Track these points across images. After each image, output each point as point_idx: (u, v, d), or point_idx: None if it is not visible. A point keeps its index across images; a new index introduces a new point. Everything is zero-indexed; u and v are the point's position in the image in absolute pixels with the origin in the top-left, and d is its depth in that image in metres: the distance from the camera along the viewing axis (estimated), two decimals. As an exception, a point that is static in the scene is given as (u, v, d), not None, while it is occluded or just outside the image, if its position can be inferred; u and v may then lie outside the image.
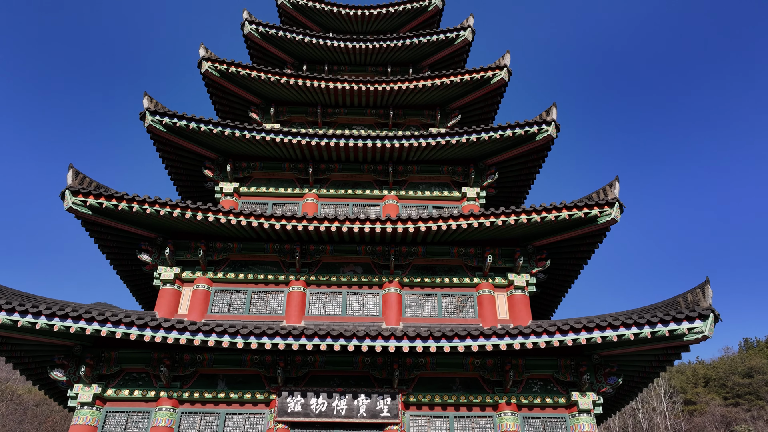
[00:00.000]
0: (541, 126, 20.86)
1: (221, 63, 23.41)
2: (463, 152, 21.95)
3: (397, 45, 26.11)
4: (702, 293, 15.17)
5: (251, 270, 19.34)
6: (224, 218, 17.60)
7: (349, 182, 22.56)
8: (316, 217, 17.67)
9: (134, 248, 19.33)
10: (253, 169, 22.38)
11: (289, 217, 17.85)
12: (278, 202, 22.04)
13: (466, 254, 19.56)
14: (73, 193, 17.41)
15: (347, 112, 25.23)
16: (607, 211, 17.91)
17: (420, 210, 22.09)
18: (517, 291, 18.95)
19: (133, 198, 17.47)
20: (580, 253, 19.73)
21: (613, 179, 18.57)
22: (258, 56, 27.65)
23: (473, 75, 23.57)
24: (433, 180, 22.64)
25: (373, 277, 19.23)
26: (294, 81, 23.38)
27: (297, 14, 29.57)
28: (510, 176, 23.05)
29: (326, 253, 19.52)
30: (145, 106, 20.70)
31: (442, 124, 25.08)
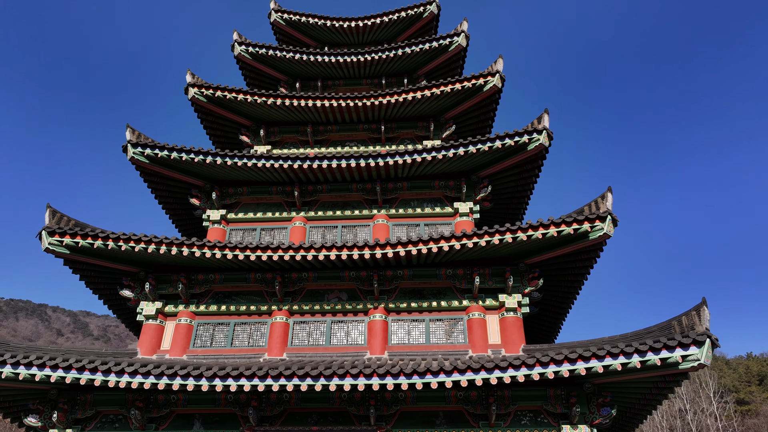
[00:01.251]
0: (531, 135, 19.76)
1: (207, 88, 23.18)
2: (454, 166, 21.04)
3: (389, 56, 25.37)
4: (698, 316, 13.88)
5: (234, 301, 18.97)
6: (199, 252, 17.27)
7: (338, 203, 21.95)
8: (302, 245, 17.09)
9: (117, 283, 19.23)
10: (240, 195, 22.04)
11: (272, 247, 17.35)
12: (266, 227, 21.63)
13: (454, 276, 18.65)
14: (50, 233, 17.39)
15: (339, 129, 24.62)
16: (599, 226, 16.71)
17: (411, 228, 21.29)
18: (508, 313, 17.95)
19: (107, 235, 17.33)
20: (577, 269, 18.55)
21: (605, 190, 17.35)
22: (251, 77, 27.38)
23: (464, 84, 22.60)
24: (424, 196, 21.80)
25: (357, 303, 18.56)
26: (281, 101, 22.94)
27: (291, 30, 29.19)
28: (505, 188, 21.98)
29: (309, 281, 18.96)
30: (127, 138, 20.62)
31: (437, 136, 24.18)
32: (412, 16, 28.10)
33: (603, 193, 17.34)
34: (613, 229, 16.73)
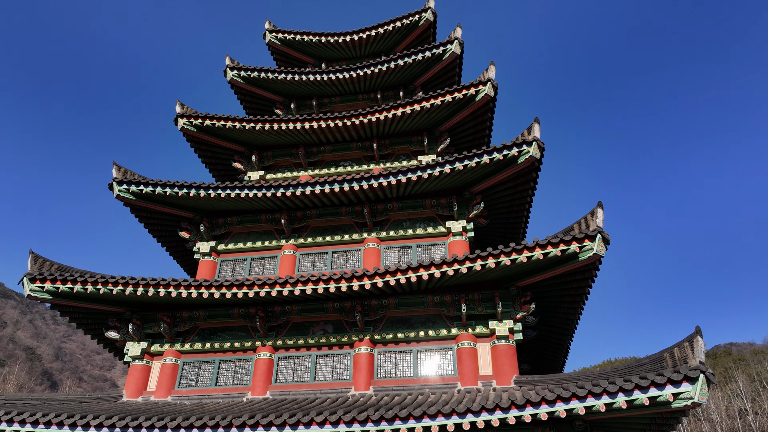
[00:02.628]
0: (521, 147, 18.59)
1: (196, 118, 22.99)
2: (443, 184, 20.09)
3: (382, 70, 24.58)
4: (691, 348, 12.52)
5: (219, 337, 18.61)
6: (175, 292, 16.95)
7: (329, 227, 21.32)
8: (278, 281, 16.55)
9: (103, 324, 19.18)
10: (230, 225, 21.72)
11: (247, 284, 16.87)
12: (257, 257, 21.21)
13: (442, 302, 17.70)
14: (31, 279, 17.45)
15: (332, 149, 24.01)
16: (588, 246, 15.44)
17: (402, 251, 20.44)
18: (500, 341, 16.87)
19: (86, 279, 17.24)
20: (574, 290, 17.28)
21: (594, 206, 16.05)
22: (246, 100, 27.12)
23: (455, 95, 21.58)
24: (416, 216, 20.91)
25: (342, 336, 17.86)
26: (269, 126, 22.54)
27: (287, 50, 28.81)
28: (502, 203, 20.83)
29: (293, 314, 18.41)
30: (113, 175, 20.59)
31: (432, 150, 23.22)
32: (407, 25, 27.23)
33: (593, 209, 16.05)
34: (604, 248, 15.43)
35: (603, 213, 15.89)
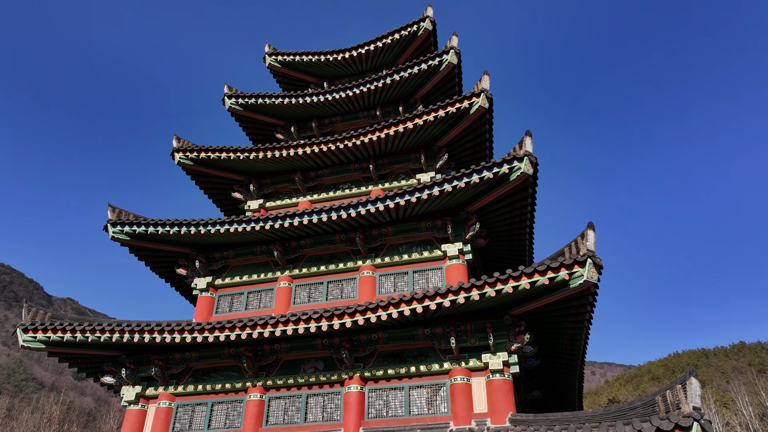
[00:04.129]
0: (512, 164, 17.43)
1: (191, 151, 22.86)
2: (436, 205, 19.15)
3: (378, 86, 23.79)
4: (684, 391, 11.20)
5: (212, 378, 18.31)
6: (160, 337, 16.75)
7: (324, 256, 20.73)
8: (268, 321, 16.32)
9: (98, 370, 19.24)
10: (227, 258, 21.46)
11: (239, 325, 16.50)
12: (253, 290, 20.85)
13: (433, 335, 16.76)
14: (24, 330, 17.65)
15: (330, 173, 23.41)
16: (578, 272, 14.20)
17: (399, 277, 19.60)
18: (494, 375, 15.80)
19: (74, 328, 17.29)
20: (573, 316, 16.02)
21: (585, 228, 14.77)
22: (247, 126, 26.89)
23: (447, 109, 20.55)
24: (412, 239, 20.03)
25: (332, 373, 17.20)
26: (263, 155, 22.17)
27: (288, 71, 28.44)
28: (501, 221, 19.67)
29: (283, 352, 17.90)
30: (108, 217, 20.67)
31: (431, 167, 22.25)
32: (406, 36, 26.32)
33: (583, 231, 14.78)
34: (596, 274, 14.14)
35: (594, 235, 14.60)
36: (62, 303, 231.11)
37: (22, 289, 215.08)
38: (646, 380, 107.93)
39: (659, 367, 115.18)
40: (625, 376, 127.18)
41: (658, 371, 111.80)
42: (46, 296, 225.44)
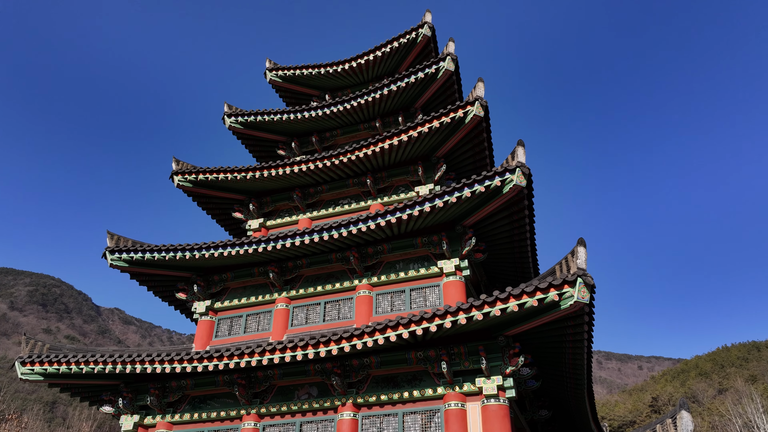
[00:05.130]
0: (504, 176, 16.67)
1: (190, 173, 22.79)
2: (428, 221, 18.55)
3: (375, 98, 23.28)
4: (674, 427, 10.35)
5: (208, 406, 18.12)
6: (150, 368, 16.63)
7: (321, 275, 20.34)
8: (254, 350, 16.37)
9: (98, 399, 19.29)
10: (226, 281, 21.29)
11: (219, 355, 16.27)
12: (252, 312, 20.62)
13: (426, 358, 16.16)
14: (22, 363, 17.80)
15: (330, 188, 23.00)
16: (568, 293, 13.39)
17: (396, 296, 19.04)
18: (490, 400, 15.08)
19: (69, 360, 17.34)
20: (572, 336, 15.17)
21: (575, 245, 13.94)
22: (249, 143, 26.75)
23: (442, 119, 19.88)
24: (409, 256, 19.44)
25: (325, 400, 16.76)
26: (260, 174, 21.92)
27: (289, 85, 28.18)
28: (499, 234, 18.90)
29: (276, 378, 17.57)
30: (107, 244, 20.75)
31: (429, 179, 21.61)
32: (405, 44, 25.70)
33: (573, 248, 13.96)
34: (587, 294, 13.31)
35: (586, 252, 13.77)
36: (110, 313, 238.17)
37: (72, 300, 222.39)
38: (693, 376, 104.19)
39: (707, 362, 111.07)
40: (672, 371, 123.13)
41: (706, 366, 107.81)
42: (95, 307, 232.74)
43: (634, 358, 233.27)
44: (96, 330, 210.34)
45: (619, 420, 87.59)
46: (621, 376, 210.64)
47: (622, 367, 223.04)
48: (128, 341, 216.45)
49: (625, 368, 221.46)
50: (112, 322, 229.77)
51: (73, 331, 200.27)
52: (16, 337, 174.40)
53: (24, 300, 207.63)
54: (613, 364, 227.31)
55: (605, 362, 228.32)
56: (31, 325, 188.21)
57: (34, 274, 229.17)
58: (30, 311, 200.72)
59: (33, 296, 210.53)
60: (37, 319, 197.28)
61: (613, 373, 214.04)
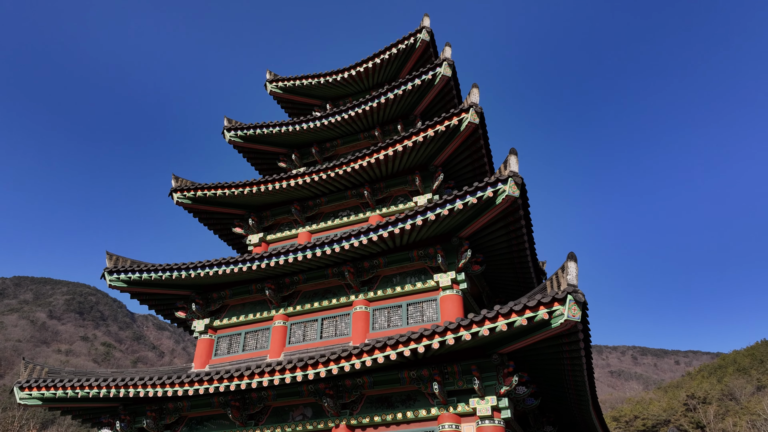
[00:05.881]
0: (495, 186, 16.09)
1: (188, 190, 22.74)
2: (423, 234, 18.05)
3: (373, 106, 22.86)
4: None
5: (205, 427, 17.98)
6: (143, 391, 16.52)
7: (318, 291, 20.02)
8: (244, 372, 16.05)
9: (97, 421, 19.31)
10: (224, 298, 21.13)
11: (209, 378, 16.08)
12: (250, 330, 20.42)
13: (419, 378, 15.68)
14: (20, 388, 17.88)
15: (329, 201, 22.69)
16: (557, 311, 12.78)
17: (393, 311, 18.59)
18: (484, 422, 14.54)
19: (65, 384, 17.37)
20: (568, 353, 14.52)
21: (565, 260, 13.31)
22: (250, 156, 26.61)
23: (436, 128, 19.37)
24: (405, 269, 18.98)
25: (319, 421, 16.43)
26: (257, 189, 21.71)
27: (290, 96, 27.97)
28: (497, 245, 18.29)
29: (269, 400, 17.29)
30: (106, 265, 20.79)
31: (428, 188, 21.11)
32: (404, 49, 25.23)
33: (563, 263, 13.33)
34: (578, 312, 12.68)
35: (576, 267, 13.13)
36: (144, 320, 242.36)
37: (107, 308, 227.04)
38: (731, 371, 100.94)
39: (746, 357, 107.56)
40: (708, 367, 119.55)
41: (744, 361, 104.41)
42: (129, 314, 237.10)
43: (671, 353, 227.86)
44: (131, 336, 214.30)
45: (653, 419, 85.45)
46: (657, 371, 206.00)
47: (658, 363, 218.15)
48: (162, 347, 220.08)
49: (662, 363, 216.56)
50: (146, 328, 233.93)
51: (109, 338, 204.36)
52: (56, 345, 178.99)
53: (62, 309, 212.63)
54: (648, 359, 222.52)
55: (640, 358, 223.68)
56: (69, 333, 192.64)
57: (71, 283, 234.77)
58: (68, 319, 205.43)
59: (70, 305, 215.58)
60: (75, 327, 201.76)
61: (649, 369, 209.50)
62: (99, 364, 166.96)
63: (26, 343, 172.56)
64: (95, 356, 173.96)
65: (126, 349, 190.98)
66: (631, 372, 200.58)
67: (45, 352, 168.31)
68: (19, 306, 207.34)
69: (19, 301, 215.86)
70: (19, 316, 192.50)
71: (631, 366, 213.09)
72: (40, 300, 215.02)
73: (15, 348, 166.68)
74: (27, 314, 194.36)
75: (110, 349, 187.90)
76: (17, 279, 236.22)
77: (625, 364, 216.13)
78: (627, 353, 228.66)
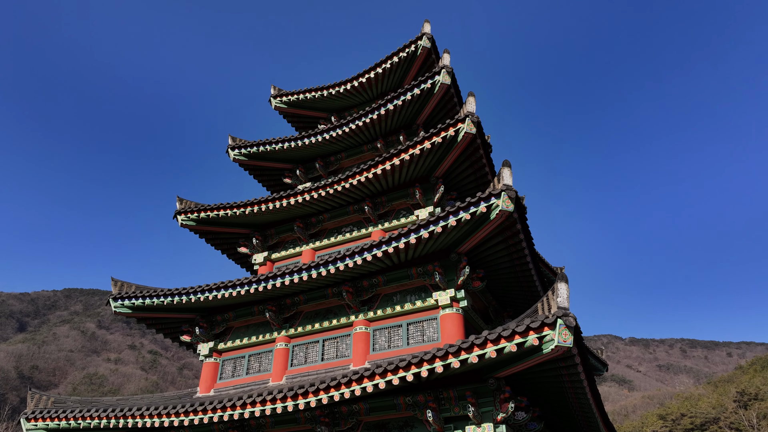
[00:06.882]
0: (489, 201, 15.42)
1: (192, 212, 22.71)
2: (417, 252, 17.47)
3: (373, 119, 22.44)
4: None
5: (207, 455, 17.80)
6: (141, 422, 16.46)
7: (320, 311, 19.66)
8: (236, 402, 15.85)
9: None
10: (228, 321, 20.99)
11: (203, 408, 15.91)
12: (254, 352, 20.22)
13: (415, 404, 15.12)
14: (27, 419, 18.11)
15: (331, 217, 22.33)
16: (548, 336, 12.06)
17: (393, 331, 18.08)
18: (481, 450, 13.90)
19: (67, 416, 17.47)
20: (568, 376, 13.76)
21: (555, 281, 12.55)
22: (256, 173, 26.51)
23: (433, 139, 18.79)
24: (405, 287, 18.43)
25: (317, 449, 16.05)
26: (258, 208, 21.51)
27: (295, 110, 27.76)
28: (498, 260, 17.60)
29: (267, 428, 17.01)
30: (111, 291, 20.91)
31: (429, 201, 20.52)
32: (406, 57, 24.67)
33: (553, 285, 12.58)
34: (570, 337, 11.93)
35: (567, 288, 12.37)
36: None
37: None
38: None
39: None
40: (762, 360, 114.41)
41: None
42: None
43: (722, 344, 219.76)
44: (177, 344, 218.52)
45: (702, 417, 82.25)
46: (708, 364, 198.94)
47: (708, 355, 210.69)
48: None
49: (713, 356, 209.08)
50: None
51: (155, 345, 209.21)
52: (105, 354, 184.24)
53: (110, 319, 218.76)
54: (698, 352, 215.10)
55: (689, 350, 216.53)
56: (118, 342, 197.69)
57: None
58: (116, 329, 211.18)
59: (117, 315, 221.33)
60: (123, 336, 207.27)
61: (700, 362, 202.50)
62: (146, 371, 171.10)
63: (78, 353, 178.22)
64: (143, 364, 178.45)
65: (172, 356, 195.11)
66: (681, 365, 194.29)
67: (96, 361, 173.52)
68: (70, 317, 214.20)
69: (69, 313, 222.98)
70: (70, 326, 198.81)
71: (680, 359, 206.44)
72: (89, 311, 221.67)
73: (68, 358, 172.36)
74: (77, 325, 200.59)
75: (157, 357, 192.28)
76: (67, 291, 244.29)
77: (673, 357, 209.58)
78: (675, 346, 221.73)
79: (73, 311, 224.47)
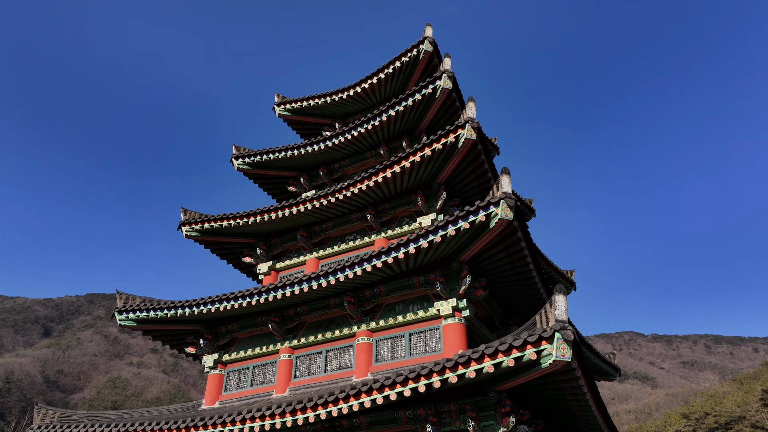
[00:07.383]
0: (488, 209, 15.13)
1: (196, 223, 22.71)
2: (418, 262, 17.23)
3: (375, 125, 22.25)
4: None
5: (211, 468, 17.72)
6: (144, 437, 16.45)
7: (323, 321, 19.51)
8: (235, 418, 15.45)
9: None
10: (232, 332, 20.94)
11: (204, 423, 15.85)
12: (258, 363, 20.12)
13: (415, 418, 14.88)
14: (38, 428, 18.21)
15: (334, 225, 22.18)
16: (546, 350, 11.75)
17: (396, 341, 17.86)
18: (482, 465, 13.63)
19: (70, 430, 17.51)
20: (570, 389, 13.43)
21: (553, 292, 12.22)
22: (260, 182, 26.47)
23: (433, 146, 18.53)
24: (407, 297, 18.20)
25: (318, 463, 15.90)
26: (260, 218, 21.44)
27: (299, 117, 27.68)
28: (500, 268, 17.28)
29: (270, 441, 16.87)
30: (117, 304, 20.99)
31: (431, 208, 20.26)
32: (408, 62, 24.43)
33: (551, 297, 12.25)
34: (568, 351, 11.61)
35: (566, 301, 12.04)
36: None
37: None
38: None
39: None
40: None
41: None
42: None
43: (748, 340, 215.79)
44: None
45: (726, 415, 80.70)
46: (734, 360, 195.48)
47: (734, 351, 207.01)
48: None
49: (738, 352, 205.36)
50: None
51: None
52: (128, 358, 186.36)
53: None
54: (723, 348, 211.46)
55: (714, 347, 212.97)
56: (140, 346, 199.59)
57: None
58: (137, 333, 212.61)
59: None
60: (144, 340, 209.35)
61: (725, 358, 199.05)
62: (168, 375, 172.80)
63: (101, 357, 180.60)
64: (164, 367, 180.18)
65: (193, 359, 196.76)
66: (705, 362, 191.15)
67: (119, 365, 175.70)
68: (93, 322, 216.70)
69: (93, 317, 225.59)
70: (93, 331, 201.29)
71: (705, 356, 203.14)
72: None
73: (92, 362, 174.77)
74: (101, 329, 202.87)
75: (178, 360, 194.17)
76: (90, 296, 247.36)
77: (697, 353, 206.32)
78: (699, 342, 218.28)
79: (96, 316, 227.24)
